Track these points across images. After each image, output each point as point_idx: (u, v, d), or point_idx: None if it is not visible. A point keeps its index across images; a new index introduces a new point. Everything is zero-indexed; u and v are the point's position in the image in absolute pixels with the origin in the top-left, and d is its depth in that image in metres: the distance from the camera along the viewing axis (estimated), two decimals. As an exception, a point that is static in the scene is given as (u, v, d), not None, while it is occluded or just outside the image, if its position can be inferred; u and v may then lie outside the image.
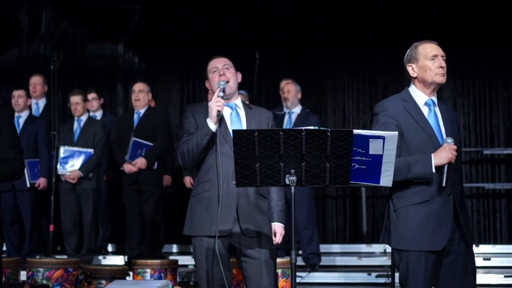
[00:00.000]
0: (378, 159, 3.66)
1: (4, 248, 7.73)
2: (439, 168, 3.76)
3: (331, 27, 8.81)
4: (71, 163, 7.34)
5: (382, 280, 6.92)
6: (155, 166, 7.34)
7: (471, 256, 3.90)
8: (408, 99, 3.98)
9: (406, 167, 3.78)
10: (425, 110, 3.94)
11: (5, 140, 4.15)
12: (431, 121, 3.91)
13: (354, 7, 8.81)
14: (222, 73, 4.14)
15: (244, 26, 8.88)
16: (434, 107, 3.95)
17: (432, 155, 3.76)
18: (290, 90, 7.39)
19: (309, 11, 8.89)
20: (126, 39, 9.55)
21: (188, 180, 7.53)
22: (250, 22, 8.91)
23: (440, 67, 3.89)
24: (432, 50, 3.93)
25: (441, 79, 3.91)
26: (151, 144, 7.28)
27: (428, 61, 3.91)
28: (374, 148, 3.65)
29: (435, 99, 3.98)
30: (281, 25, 8.87)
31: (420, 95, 3.97)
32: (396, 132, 3.70)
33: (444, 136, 3.87)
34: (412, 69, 3.99)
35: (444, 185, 3.74)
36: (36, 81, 8.02)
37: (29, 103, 7.74)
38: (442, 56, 3.93)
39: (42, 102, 8.07)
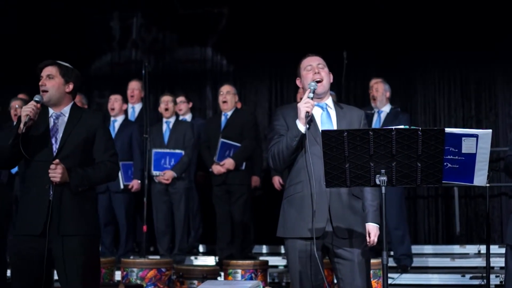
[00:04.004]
0: (471, 158, 3.58)
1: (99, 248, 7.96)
2: None
3: (420, 27, 8.67)
4: (163, 165, 7.49)
5: (476, 282, 6.74)
6: (243, 167, 7.39)
7: None
8: None
9: None
10: None
11: (99, 143, 4.25)
12: None
13: (443, 7, 8.63)
14: (316, 71, 4.11)
15: (331, 26, 8.84)
16: None
17: None
18: (378, 88, 7.32)
19: (398, 11, 8.77)
20: (215, 42, 9.68)
21: (277, 180, 7.55)
22: (337, 22, 8.87)
23: None
24: None
25: None
26: (239, 145, 7.34)
27: None
28: (467, 146, 3.57)
29: None
30: (369, 25, 8.79)
31: None
32: (490, 130, 3.60)
33: None
34: None
35: None
36: (134, 86, 8.22)
37: (124, 107, 7.94)
38: None
39: (138, 107, 8.27)
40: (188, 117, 8.32)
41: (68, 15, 9.79)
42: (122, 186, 7.54)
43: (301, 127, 3.91)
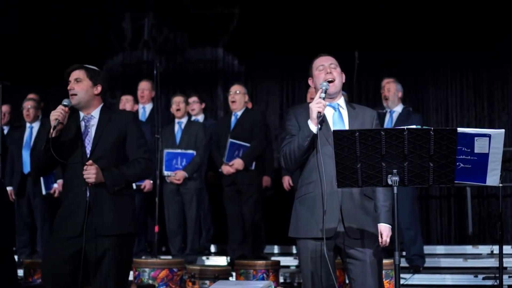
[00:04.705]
0: (484, 158, 3.56)
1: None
2: None
3: (432, 26, 8.63)
4: (175, 165, 7.50)
5: (489, 283, 6.71)
6: (253, 167, 7.38)
7: None
8: None
9: None
10: None
11: (131, 140, 4.31)
12: None
13: (456, 6, 8.60)
14: (328, 71, 4.10)
15: (343, 26, 8.82)
16: None
17: None
18: (390, 88, 7.30)
19: (409, 11, 8.74)
20: (226, 42, 9.69)
21: (286, 181, 7.54)
22: (349, 22, 8.85)
23: None
24: None
25: None
26: (248, 145, 7.33)
27: None
28: (479, 146, 3.55)
29: None
30: (380, 24, 8.77)
31: None
32: (503, 130, 3.58)
33: None
34: None
35: None
36: (144, 86, 8.23)
37: (135, 108, 7.96)
38: None
39: (148, 107, 8.28)
40: (201, 117, 8.32)
41: (80, 15, 9.83)
42: (134, 187, 7.55)
43: (313, 127, 3.89)
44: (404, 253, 7.16)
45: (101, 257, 4.09)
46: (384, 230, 4.02)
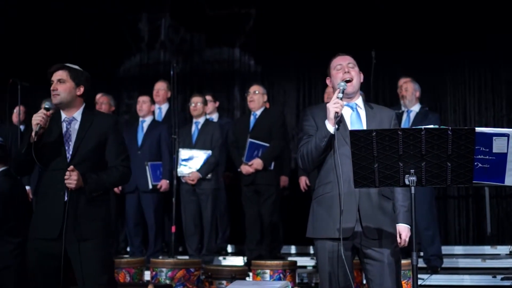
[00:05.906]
0: (502, 157, 3.54)
1: (128, 248, 8.02)
2: None
3: (450, 26, 8.59)
4: (190, 165, 7.51)
5: (508, 283, 6.67)
6: (272, 167, 7.38)
7: None
8: None
9: None
10: None
11: (111, 147, 4.34)
12: None
13: (473, 6, 8.55)
14: (346, 70, 4.09)
15: (360, 25, 8.80)
16: None
17: None
18: (407, 88, 7.27)
19: (427, 10, 8.70)
20: (242, 43, 9.70)
21: (303, 181, 7.53)
22: (366, 21, 8.82)
23: None
24: None
25: None
26: (267, 145, 7.33)
27: None
28: (498, 146, 3.53)
29: None
30: (397, 24, 8.73)
31: None
32: (522, 130, 3.55)
33: None
34: None
35: None
36: (159, 87, 8.26)
37: (152, 108, 7.99)
38: None
39: (164, 107, 8.31)
40: (215, 116, 8.33)
41: (97, 16, 9.87)
42: (150, 186, 7.58)
43: (330, 127, 3.88)
44: (422, 254, 7.13)
45: (83, 260, 4.10)
46: (403, 231, 4.01)
